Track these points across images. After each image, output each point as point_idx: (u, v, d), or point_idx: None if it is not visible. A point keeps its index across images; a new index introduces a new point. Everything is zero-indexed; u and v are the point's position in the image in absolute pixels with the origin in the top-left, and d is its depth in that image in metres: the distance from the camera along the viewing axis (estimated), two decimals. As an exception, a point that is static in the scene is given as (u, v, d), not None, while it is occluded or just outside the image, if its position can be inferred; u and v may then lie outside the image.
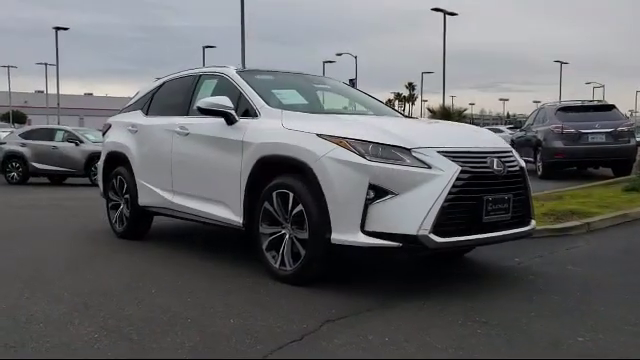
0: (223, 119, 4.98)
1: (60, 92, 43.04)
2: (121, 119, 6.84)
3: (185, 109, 5.75)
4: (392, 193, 3.87)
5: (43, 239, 6.53)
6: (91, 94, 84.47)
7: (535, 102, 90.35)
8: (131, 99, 7.03)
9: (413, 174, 3.88)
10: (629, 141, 13.27)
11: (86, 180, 16.37)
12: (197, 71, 5.96)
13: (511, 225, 4.32)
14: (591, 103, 14.61)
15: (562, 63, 57.12)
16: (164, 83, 6.46)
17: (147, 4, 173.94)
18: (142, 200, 6.15)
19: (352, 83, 29.54)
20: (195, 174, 5.36)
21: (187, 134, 5.47)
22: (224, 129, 5.00)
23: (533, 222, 4.57)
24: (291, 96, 5.37)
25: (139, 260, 5.33)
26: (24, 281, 4.50)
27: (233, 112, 4.93)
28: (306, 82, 5.84)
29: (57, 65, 40.89)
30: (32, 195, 13.24)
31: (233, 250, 5.76)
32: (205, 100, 4.98)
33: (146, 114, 6.43)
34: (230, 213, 4.92)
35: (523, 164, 4.57)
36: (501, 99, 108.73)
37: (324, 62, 54.67)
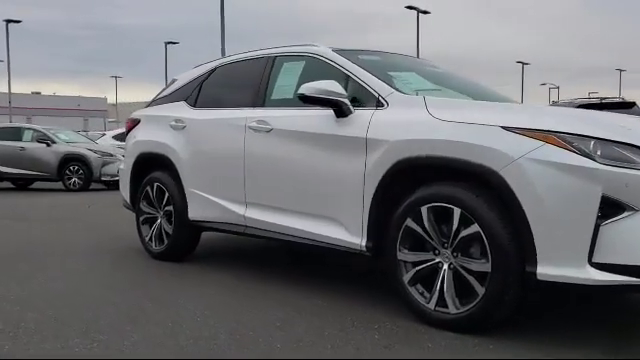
0: (331, 111, 3.85)
1: (5, 90, 40.45)
2: (156, 112, 5.56)
3: (258, 99, 4.55)
4: (632, 209, 2.79)
5: (64, 263, 5.19)
6: (39, 93, 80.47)
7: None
8: (165, 88, 5.76)
9: None
10: (653, 140, 12.61)
11: (57, 185, 14.82)
12: (268, 52, 4.75)
13: None
14: (610, 100, 13.88)
15: (524, 64, 57.37)
16: (216, 68, 5.21)
17: (93, 1, 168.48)
18: (194, 213, 4.92)
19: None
20: (284, 182, 4.17)
21: (270, 130, 4.27)
22: (332, 123, 3.85)
23: None
24: (416, 80, 4.24)
25: (215, 292, 4.10)
26: (83, 331, 3.22)
27: (347, 101, 3.79)
28: (418, 65, 4.70)
29: (8, 61, 38.24)
30: (6, 201, 11.66)
31: (326, 274, 4.60)
32: (312, 86, 3.80)
33: (194, 106, 5.18)
34: (343, 232, 3.77)
35: None
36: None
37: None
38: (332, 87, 3.77)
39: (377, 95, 3.75)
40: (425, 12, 34.41)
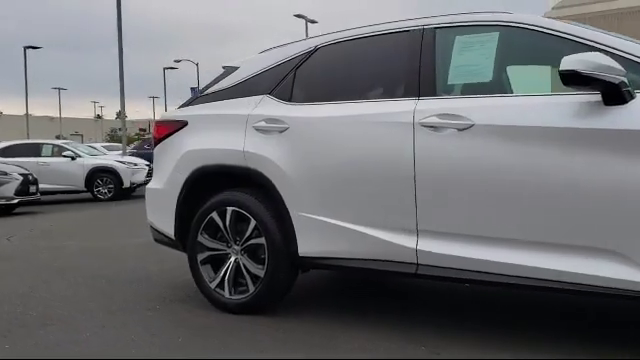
0: (588, 97, 2.75)
1: None
2: (218, 111, 4.04)
3: (424, 86, 3.27)
4: None
5: (92, 334, 3.55)
6: None
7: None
8: (219, 79, 4.22)
9: None
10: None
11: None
12: (418, 23, 3.46)
13: None
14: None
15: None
16: (317, 49, 3.82)
17: None
18: (309, 247, 3.53)
19: (194, 91, 27.36)
20: (509, 200, 2.93)
21: (467, 128, 3.02)
22: (598, 114, 2.73)
23: None
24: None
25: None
26: None
27: (627, 81, 2.69)
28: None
29: None
30: None
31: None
32: (586, 60, 2.64)
33: (289, 100, 3.77)
34: (637, 272, 2.64)
35: None
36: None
37: (164, 68, 50.47)
38: (609, 62, 2.65)
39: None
40: (313, 21, 33.82)
